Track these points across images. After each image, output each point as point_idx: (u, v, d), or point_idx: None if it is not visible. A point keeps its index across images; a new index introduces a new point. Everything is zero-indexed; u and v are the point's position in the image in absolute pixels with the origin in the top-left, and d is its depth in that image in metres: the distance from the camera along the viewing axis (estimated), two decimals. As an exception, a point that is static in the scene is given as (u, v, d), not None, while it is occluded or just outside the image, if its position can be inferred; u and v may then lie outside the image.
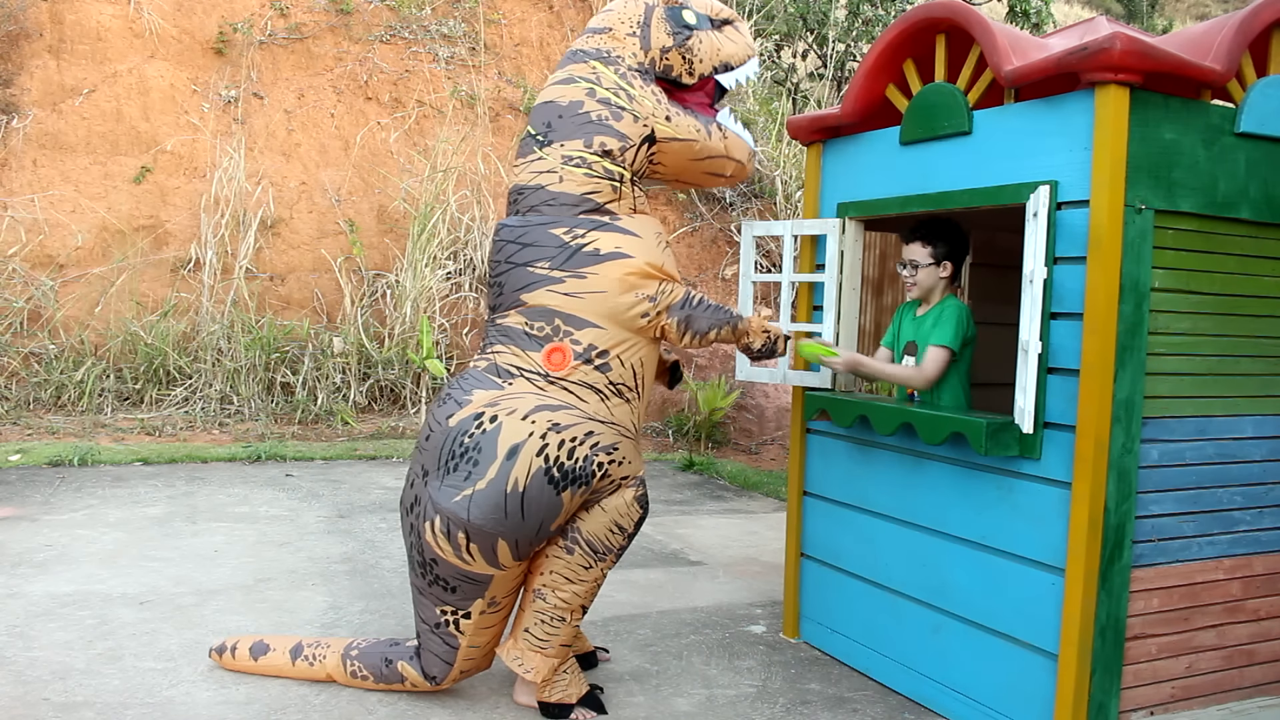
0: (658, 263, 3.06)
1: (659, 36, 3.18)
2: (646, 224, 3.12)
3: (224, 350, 7.84)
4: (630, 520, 3.04)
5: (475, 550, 2.87)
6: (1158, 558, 2.84)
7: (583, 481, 2.91)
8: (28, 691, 3.05)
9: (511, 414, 2.90)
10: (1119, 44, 2.57)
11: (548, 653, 3.01)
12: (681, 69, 3.20)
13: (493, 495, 2.83)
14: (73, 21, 8.57)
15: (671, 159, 3.19)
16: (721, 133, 3.24)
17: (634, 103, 3.11)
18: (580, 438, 2.91)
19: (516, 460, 2.84)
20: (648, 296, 3.01)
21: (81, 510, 5.22)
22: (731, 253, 9.17)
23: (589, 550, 2.97)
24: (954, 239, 3.37)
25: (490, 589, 2.96)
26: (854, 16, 10.96)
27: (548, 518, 2.89)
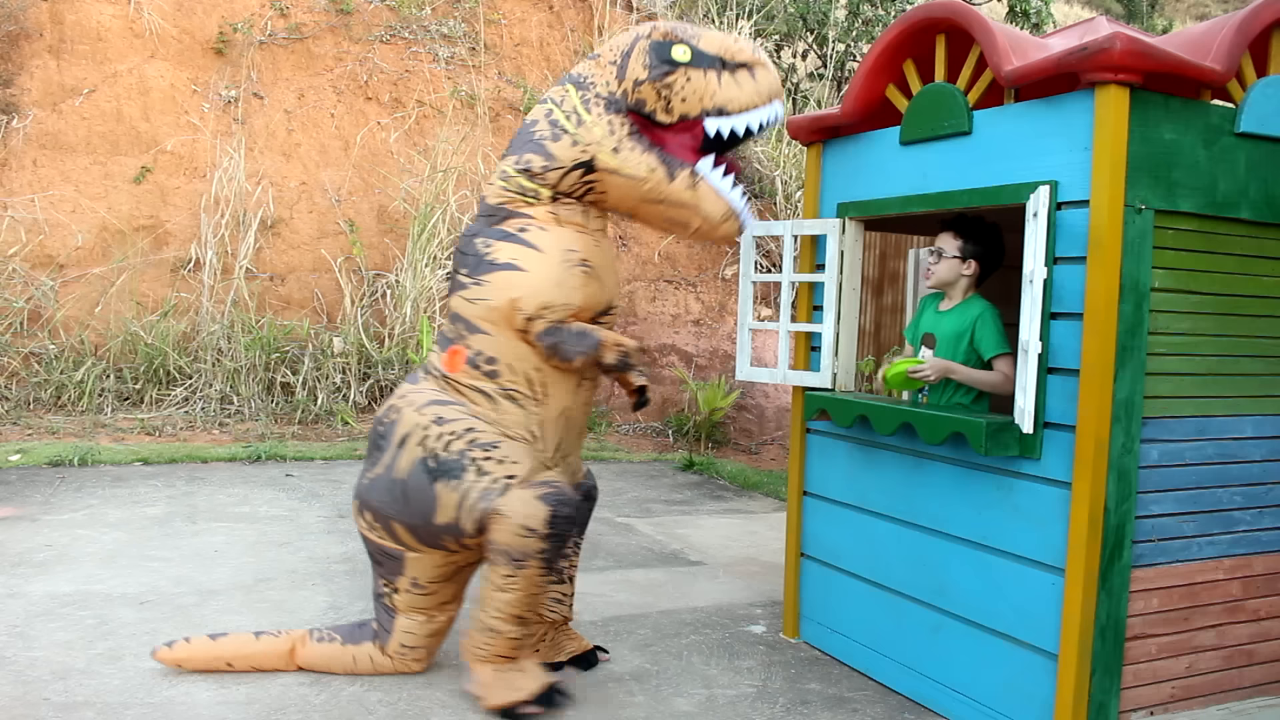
0: (553, 280, 3.01)
1: (635, 68, 3.05)
2: (558, 239, 3.05)
3: (224, 350, 7.83)
4: (538, 521, 2.93)
5: (381, 529, 3.11)
6: (1158, 558, 2.84)
7: (454, 473, 2.96)
8: (28, 691, 3.05)
9: (410, 406, 3.09)
10: (1119, 44, 2.57)
11: (487, 658, 3.05)
12: (656, 105, 3.03)
13: (385, 480, 3.08)
14: (73, 21, 8.57)
15: (616, 193, 3.09)
16: (692, 181, 3.04)
17: (581, 128, 3.05)
18: (459, 433, 3.00)
19: (405, 449, 3.04)
20: (526, 315, 3.00)
21: (81, 510, 5.21)
22: (731, 253, 9.18)
23: (507, 559, 2.96)
24: (989, 242, 3.31)
25: (408, 568, 3.12)
26: (854, 16, 10.95)
27: (428, 508, 2.99)
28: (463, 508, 2.97)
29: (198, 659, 3.23)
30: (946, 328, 3.30)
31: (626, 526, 5.49)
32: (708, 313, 8.89)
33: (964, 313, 3.27)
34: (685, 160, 3.06)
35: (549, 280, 3.01)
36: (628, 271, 9.03)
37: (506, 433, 3.05)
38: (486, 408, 3.07)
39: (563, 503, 3.00)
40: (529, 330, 3.02)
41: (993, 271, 3.36)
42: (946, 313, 3.34)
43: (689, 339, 8.73)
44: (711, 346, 8.69)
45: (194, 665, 3.24)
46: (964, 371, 3.23)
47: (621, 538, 5.24)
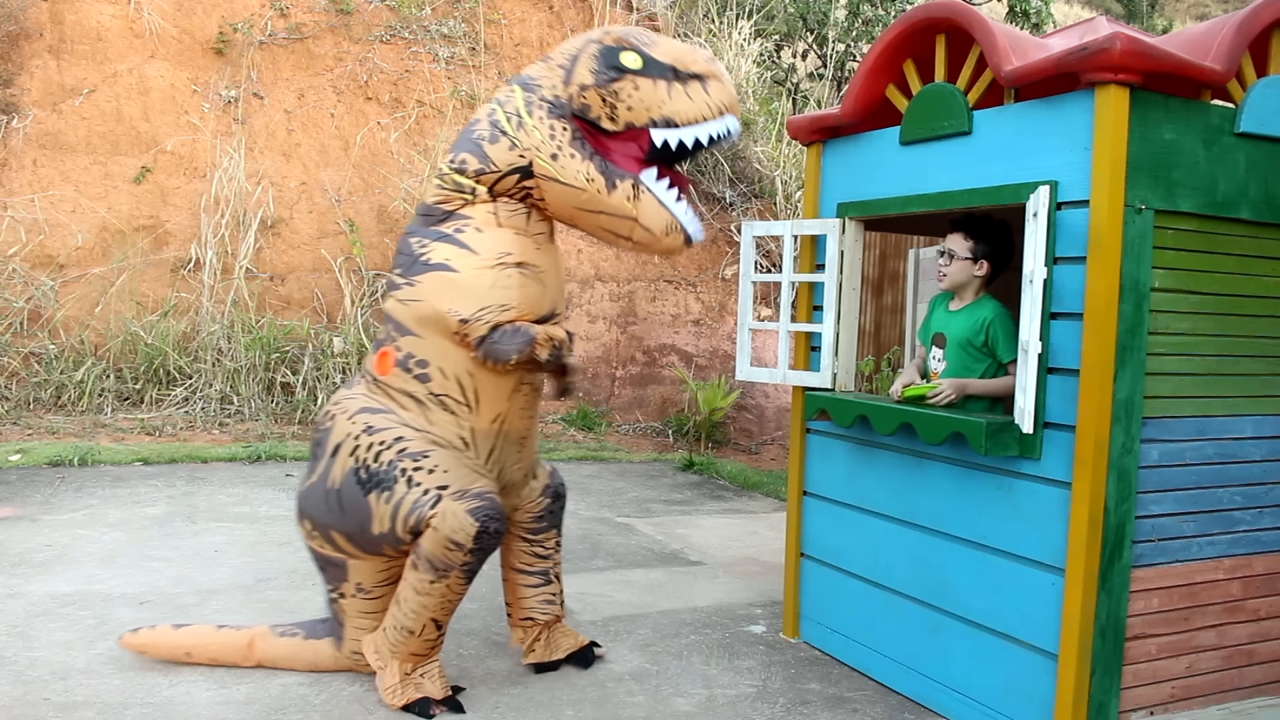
0: (488, 283, 2.94)
1: (582, 72, 2.96)
2: (495, 241, 2.98)
3: (224, 350, 7.83)
4: (466, 535, 2.88)
5: (321, 537, 3.09)
6: (1158, 558, 2.84)
7: (385, 484, 2.92)
8: (28, 691, 3.05)
9: (343, 413, 3.06)
10: (1119, 44, 2.57)
11: (397, 654, 3.05)
12: (600, 111, 2.94)
13: (320, 489, 3.06)
14: (73, 21, 8.57)
15: (554, 200, 3.01)
16: (633, 192, 2.94)
17: (521, 130, 2.98)
18: (389, 442, 2.96)
19: (337, 458, 3.01)
20: (460, 318, 2.94)
21: (81, 510, 5.21)
22: (731, 253, 9.18)
23: (430, 567, 2.94)
24: (999, 241, 3.29)
25: (352, 575, 3.10)
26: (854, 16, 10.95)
27: (364, 518, 2.96)
28: (396, 518, 2.93)
29: (162, 647, 3.26)
30: (957, 328, 3.29)
31: (626, 526, 5.49)
32: (708, 313, 8.90)
33: (975, 313, 3.26)
34: (628, 170, 2.96)
35: (483, 283, 2.94)
36: (628, 272, 9.04)
37: (436, 440, 3.00)
38: (416, 413, 3.02)
39: (492, 518, 2.94)
40: (463, 334, 2.95)
41: (1003, 270, 3.35)
42: (957, 312, 3.33)
43: (689, 339, 8.73)
44: (711, 346, 8.69)
45: (157, 653, 3.26)
46: (979, 385, 3.22)
47: (621, 538, 5.24)
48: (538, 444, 3.44)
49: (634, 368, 8.71)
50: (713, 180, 9.38)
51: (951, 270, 3.30)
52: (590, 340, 8.75)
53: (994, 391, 3.21)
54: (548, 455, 7.35)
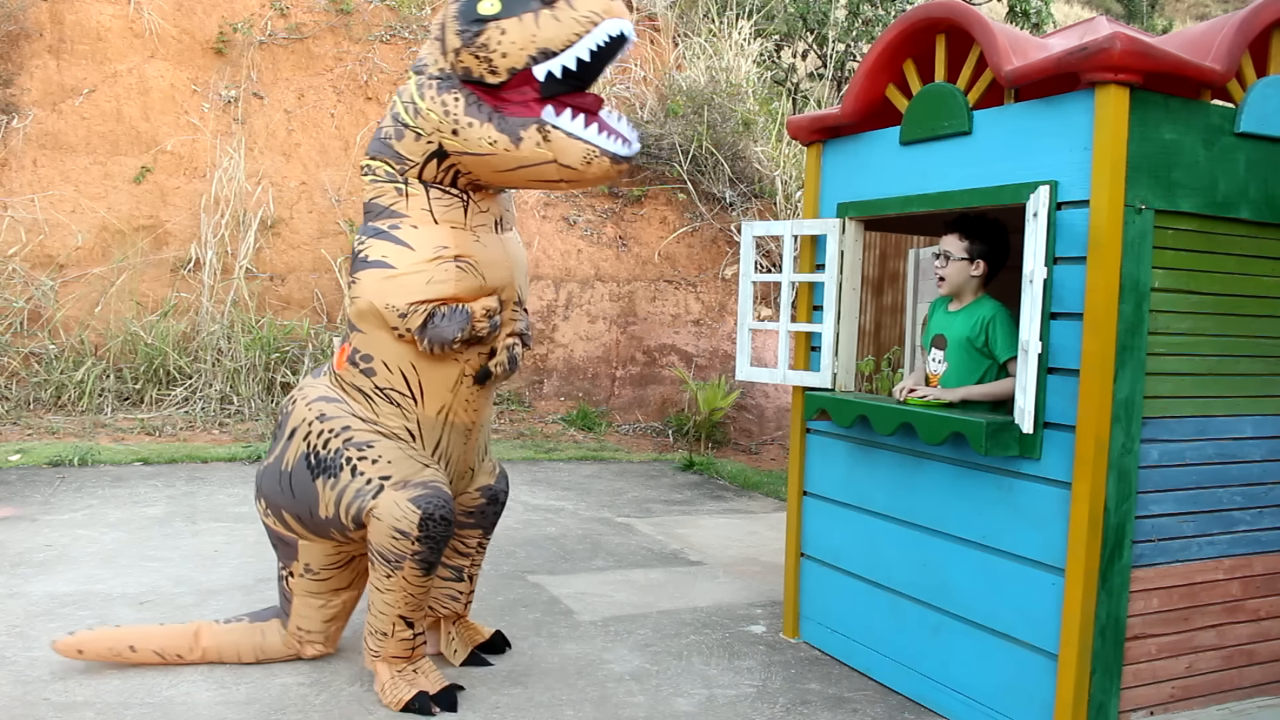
0: (422, 277, 2.94)
1: (450, 38, 2.90)
2: (431, 236, 2.98)
3: (224, 350, 7.84)
4: (409, 524, 2.92)
5: (274, 516, 3.20)
6: (1158, 558, 2.84)
7: (330, 471, 3.02)
8: (27, 691, 3.05)
9: (303, 399, 3.16)
10: (1119, 44, 2.57)
11: (382, 659, 3.10)
12: (480, 69, 2.84)
13: (274, 469, 3.17)
14: (73, 21, 8.57)
15: (477, 169, 2.97)
16: (540, 136, 2.83)
17: (419, 117, 2.95)
18: (337, 430, 3.05)
19: (292, 442, 3.11)
20: (397, 312, 2.96)
21: (81, 510, 5.21)
22: (731, 253, 9.18)
23: (382, 560, 2.99)
24: (994, 240, 3.29)
25: (302, 555, 3.19)
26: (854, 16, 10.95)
27: (312, 502, 3.06)
28: (340, 505, 3.02)
29: (100, 646, 3.23)
30: (957, 329, 3.29)
31: (626, 526, 5.49)
32: (708, 313, 8.90)
33: (974, 313, 3.26)
34: (528, 116, 2.84)
35: (420, 279, 2.94)
36: (628, 271, 9.04)
37: (383, 432, 3.07)
38: (365, 406, 3.10)
39: (436, 505, 2.95)
40: (403, 328, 2.97)
41: (1000, 269, 3.35)
42: (956, 313, 3.33)
43: (689, 339, 8.73)
44: (711, 346, 8.69)
45: (94, 654, 3.22)
46: (979, 390, 3.22)
47: (621, 538, 5.24)
48: (489, 439, 3.47)
49: (634, 368, 8.71)
50: (713, 180, 9.38)
51: (948, 272, 3.30)
52: (590, 340, 8.75)
53: (992, 395, 3.21)
54: (548, 455, 7.35)
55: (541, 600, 4.16)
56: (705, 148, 9.28)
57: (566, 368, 8.66)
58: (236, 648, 3.31)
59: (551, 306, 8.81)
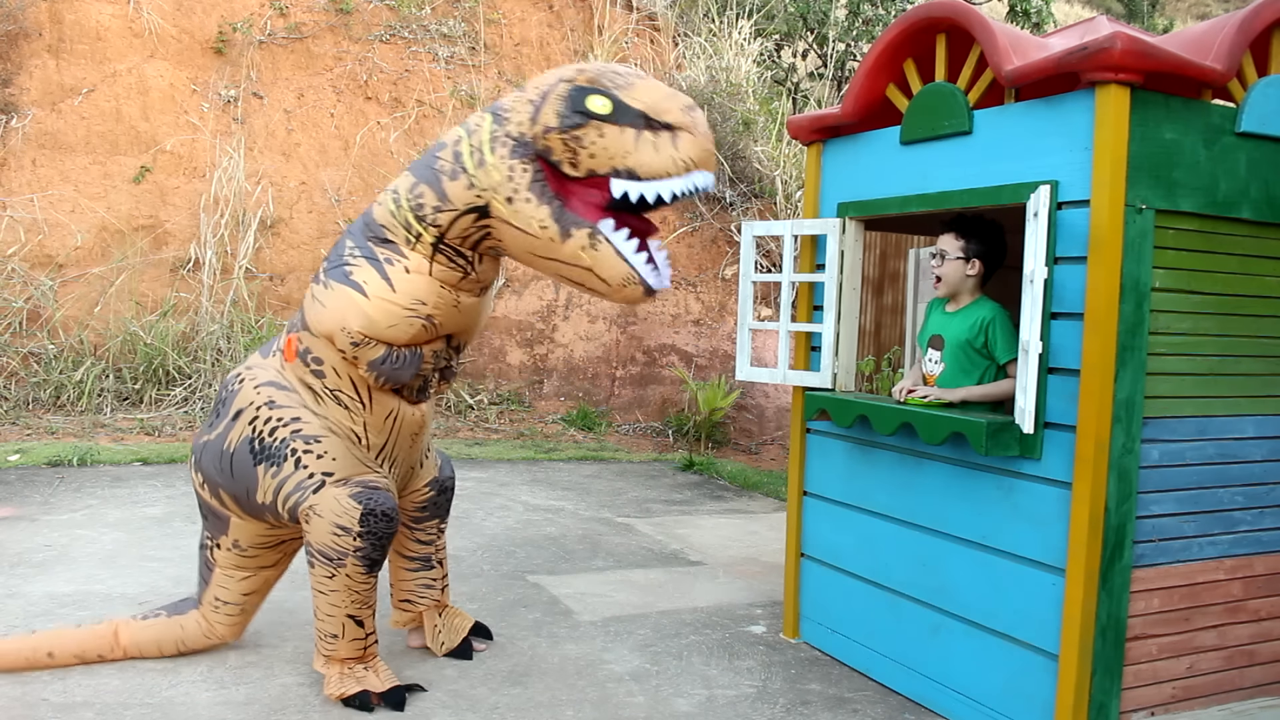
0: (390, 318, 2.94)
1: (548, 113, 2.81)
2: (415, 287, 2.95)
3: (224, 350, 7.83)
4: (350, 519, 2.94)
5: (209, 490, 3.21)
6: (1158, 558, 2.83)
7: (274, 460, 3.03)
8: (27, 692, 3.05)
9: (251, 381, 3.16)
10: (1119, 44, 2.57)
11: (335, 658, 3.10)
12: (563, 156, 2.80)
13: (216, 448, 3.16)
14: (72, 21, 8.56)
15: (509, 241, 2.93)
16: (590, 242, 2.80)
17: (480, 169, 2.88)
18: (286, 420, 3.06)
19: (237, 422, 3.11)
20: (350, 339, 2.98)
21: (81, 510, 5.21)
22: (731, 253, 9.17)
23: (323, 559, 3.00)
24: (990, 240, 3.29)
25: (232, 531, 3.22)
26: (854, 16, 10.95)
27: (251, 486, 3.08)
28: (279, 495, 3.04)
29: (16, 656, 3.17)
30: (955, 329, 3.29)
31: (626, 526, 5.49)
32: (708, 313, 8.89)
33: (972, 314, 3.26)
34: (586, 219, 2.81)
35: (384, 316, 2.94)
36: (627, 271, 9.03)
37: (332, 428, 3.08)
38: (312, 403, 3.11)
39: (377, 502, 2.98)
40: (350, 354, 3.00)
41: (996, 268, 3.35)
42: (954, 314, 3.33)
43: (689, 339, 8.73)
44: (711, 346, 8.69)
45: (13, 663, 3.17)
46: (979, 391, 3.22)
47: (621, 538, 5.23)
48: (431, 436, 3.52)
49: (634, 368, 8.71)
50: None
51: (944, 271, 3.30)
52: (590, 340, 8.74)
53: (991, 396, 3.21)
54: (548, 455, 7.35)
55: (541, 600, 4.16)
56: (705, 147, 9.26)
57: (566, 368, 8.65)
58: (157, 642, 3.33)
59: (551, 306, 8.81)
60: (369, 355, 2.99)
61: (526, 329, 8.70)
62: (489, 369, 8.51)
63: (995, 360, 3.22)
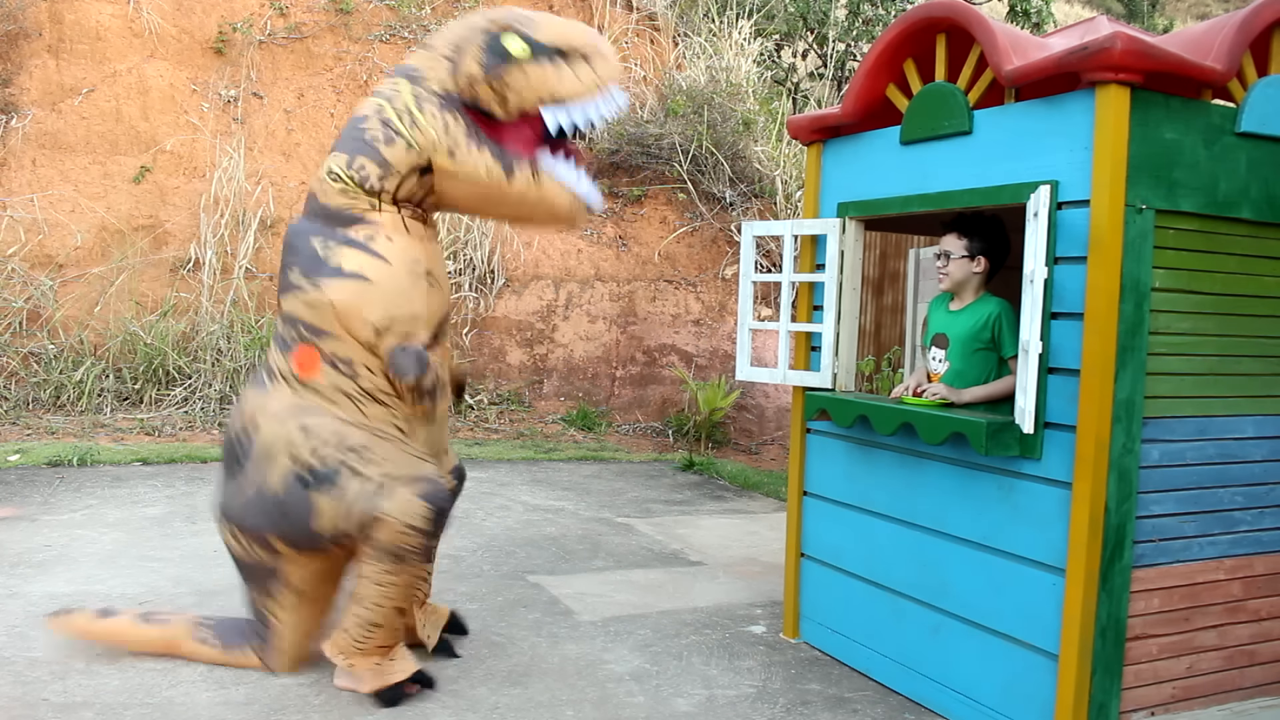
0: (397, 293, 2.97)
1: (468, 64, 2.97)
2: (403, 251, 3.00)
3: (224, 350, 7.83)
4: (421, 519, 2.99)
5: (254, 545, 3.06)
6: (1158, 558, 2.83)
7: (330, 482, 2.96)
8: (27, 691, 3.05)
9: (270, 418, 3.04)
10: (1119, 43, 2.57)
11: (365, 650, 3.09)
12: (492, 101, 2.96)
13: (254, 497, 3.01)
14: (72, 21, 8.56)
15: (455, 193, 3.03)
16: (532, 176, 2.99)
17: (415, 130, 2.97)
18: (330, 439, 2.99)
19: (273, 463, 2.99)
20: (374, 328, 2.97)
21: (81, 510, 5.21)
22: (731, 253, 9.17)
23: (390, 557, 2.99)
24: (994, 237, 3.30)
25: (287, 579, 3.11)
26: (854, 16, 10.95)
27: (308, 519, 2.98)
28: (343, 513, 2.97)
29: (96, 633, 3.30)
30: (960, 327, 3.30)
31: (626, 526, 5.49)
32: (708, 313, 8.89)
33: (978, 311, 3.26)
34: (523, 154, 2.99)
35: (397, 294, 2.97)
36: (628, 271, 9.04)
37: (375, 432, 3.05)
38: (350, 408, 3.05)
39: (440, 497, 3.04)
40: (375, 344, 2.99)
41: (1001, 265, 3.36)
42: (959, 312, 3.33)
43: (689, 339, 8.73)
44: (711, 346, 8.69)
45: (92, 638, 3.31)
46: (983, 391, 3.23)
47: (621, 538, 5.23)
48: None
49: (634, 368, 8.71)
50: (713, 180, 9.38)
51: (951, 269, 3.31)
52: (590, 340, 8.74)
53: (992, 396, 3.21)
54: (548, 455, 7.35)
55: (541, 600, 4.16)
56: (705, 147, 9.28)
57: (566, 368, 8.65)
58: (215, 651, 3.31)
59: (551, 306, 8.81)
60: (389, 342, 2.98)
61: (526, 329, 8.70)
62: (489, 369, 8.51)
63: (1000, 354, 3.23)
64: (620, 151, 9.35)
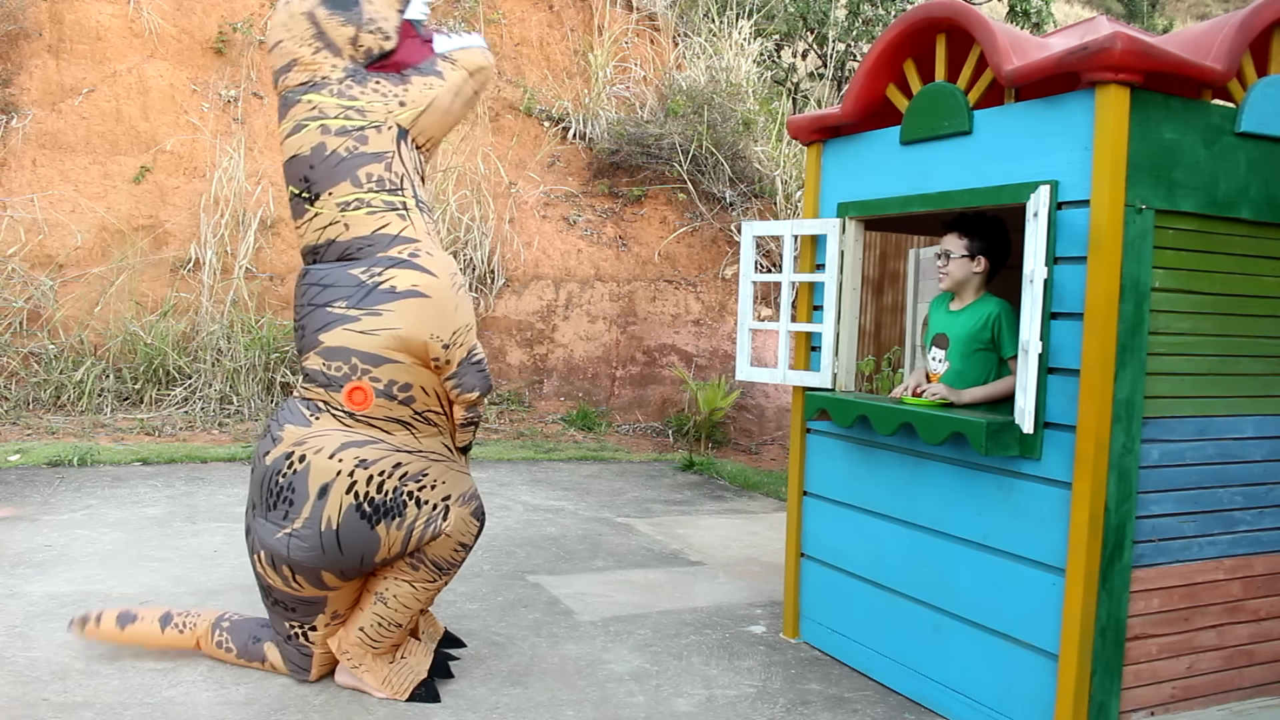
0: (452, 304, 2.99)
1: (337, 34, 3.07)
2: (443, 263, 3.04)
3: (224, 350, 7.83)
4: (470, 535, 3.17)
5: (302, 580, 3.03)
6: (1158, 558, 2.83)
7: (395, 513, 2.98)
8: (27, 691, 3.05)
9: (319, 453, 2.97)
10: (1119, 44, 2.57)
11: (379, 650, 3.13)
12: (378, 41, 3.10)
13: (309, 534, 2.96)
14: (72, 21, 8.56)
15: (433, 124, 3.14)
16: (450, 63, 3.15)
17: (366, 115, 3.04)
18: (389, 470, 2.98)
19: (328, 499, 2.95)
20: (442, 343, 2.98)
21: (81, 510, 5.21)
22: (731, 253, 9.17)
23: (434, 568, 3.11)
24: (994, 237, 3.31)
25: (329, 606, 3.12)
26: (854, 16, 10.95)
27: (367, 551, 2.99)
28: (410, 540, 3.03)
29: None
30: (961, 327, 3.30)
31: (626, 526, 5.49)
32: (708, 313, 8.89)
33: (978, 311, 3.27)
34: (428, 56, 3.15)
35: (451, 305, 2.99)
36: (628, 271, 9.04)
37: (428, 456, 3.07)
38: (404, 435, 3.04)
39: (484, 514, 3.24)
40: (444, 358, 2.99)
41: (1002, 265, 3.36)
42: (959, 312, 3.34)
43: (689, 339, 8.73)
44: (711, 346, 8.69)
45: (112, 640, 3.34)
46: (984, 392, 3.23)
47: (621, 538, 5.23)
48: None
49: (634, 368, 8.71)
50: (713, 180, 9.38)
51: (952, 269, 3.31)
52: (590, 340, 8.74)
53: (992, 396, 3.22)
54: (548, 455, 7.35)
55: (541, 600, 4.16)
56: (705, 148, 9.28)
57: (566, 368, 8.65)
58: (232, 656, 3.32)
59: (551, 306, 8.81)
60: (458, 355, 3.01)
61: (526, 329, 8.70)
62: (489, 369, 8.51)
63: (1001, 356, 3.23)
64: (620, 151, 9.35)
